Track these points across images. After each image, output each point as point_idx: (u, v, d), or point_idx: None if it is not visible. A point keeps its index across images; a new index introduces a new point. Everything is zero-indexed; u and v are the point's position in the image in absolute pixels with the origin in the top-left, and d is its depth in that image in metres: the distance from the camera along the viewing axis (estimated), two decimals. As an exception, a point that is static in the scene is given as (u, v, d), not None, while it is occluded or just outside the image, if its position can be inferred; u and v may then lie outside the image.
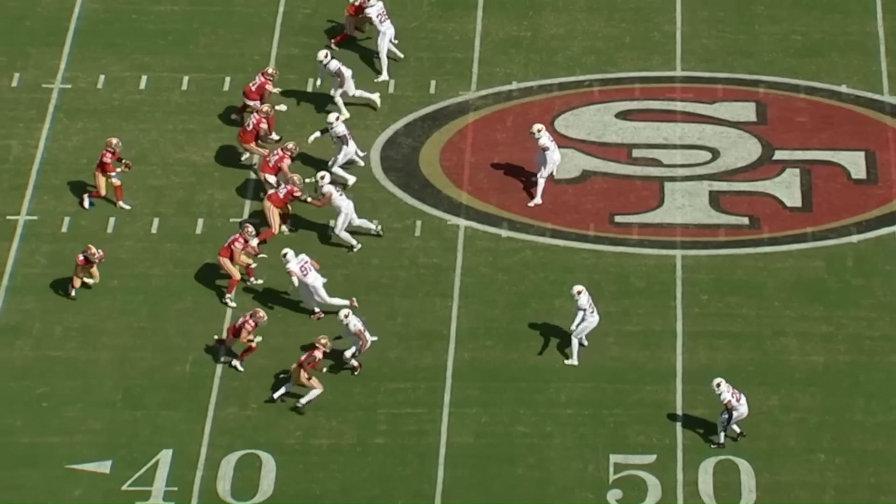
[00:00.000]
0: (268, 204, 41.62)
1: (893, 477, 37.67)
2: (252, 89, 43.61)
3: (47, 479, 37.51)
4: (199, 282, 41.06)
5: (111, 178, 42.11)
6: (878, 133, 44.05)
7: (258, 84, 43.58)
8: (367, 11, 44.88)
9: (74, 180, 42.83)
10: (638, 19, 46.43)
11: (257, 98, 43.49)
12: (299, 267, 39.98)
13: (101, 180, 42.15)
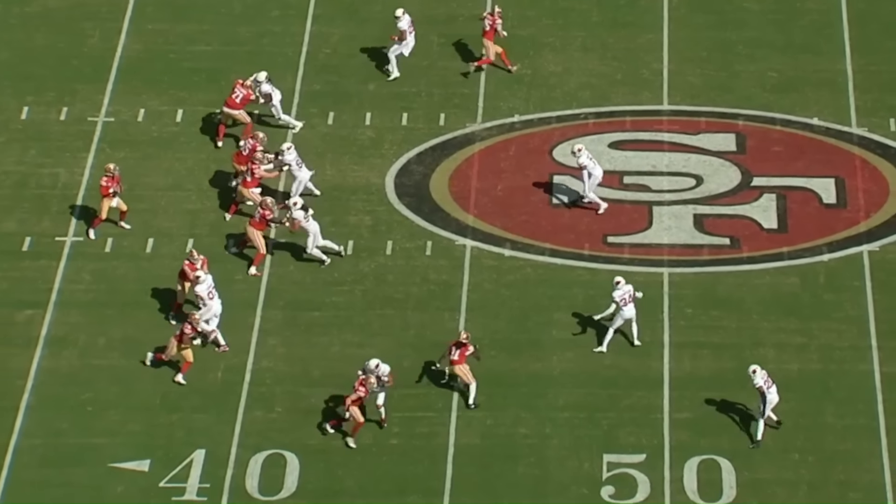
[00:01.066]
0: (251, 229, 41.21)
1: (861, 475, 37.51)
2: (236, 101, 43.35)
3: (92, 477, 37.36)
4: (229, 297, 40.86)
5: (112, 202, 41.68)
6: (846, 161, 43.91)
7: (242, 96, 43.32)
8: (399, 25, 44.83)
9: (117, 205, 42.88)
10: (628, 58, 46.32)
11: (240, 108, 43.27)
12: (207, 292, 39.49)
13: (104, 204, 41.74)
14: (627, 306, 39.48)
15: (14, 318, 40.33)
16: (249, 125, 43.63)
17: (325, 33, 46.91)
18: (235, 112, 43.60)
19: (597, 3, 47.56)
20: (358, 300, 40.86)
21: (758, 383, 37.64)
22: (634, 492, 37.26)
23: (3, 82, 45.55)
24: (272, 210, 41.00)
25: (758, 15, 47.22)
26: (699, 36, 46.73)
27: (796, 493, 37.21)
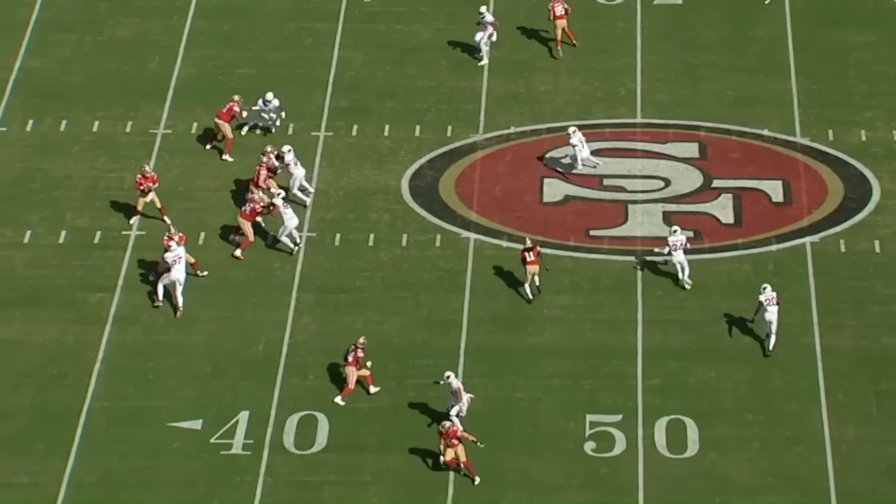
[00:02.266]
0: (241, 220, 40.92)
1: (804, 431, 37.41)
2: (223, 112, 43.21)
3: (153, 434, 37.32)
4: (269, 282, 40.75)
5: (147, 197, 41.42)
6: (791, 166, 43.75)
7: (228, 107, 43.16)
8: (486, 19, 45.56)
9: (173, 204, 42.39)
10: (607, 79, 46.18)
11: (228, 120, 43.07)
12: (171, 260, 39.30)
13: (140, 200, 41.58)
14: (677, 251, 39.55)
15: (87, 300, 40.26)
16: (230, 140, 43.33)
17: (349, 58, 46.78)
18: (221, 122, 43.28)
19: (581, 31, 47.37)
20: (378, 284, 40.74)
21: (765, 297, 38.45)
22: (613, 447, 37.15)
23: (77, 101, 45.43)
24: (259, 204, 40.82)
25: (717, 42, 47.07)
26: (667, 60, 46.57)
27: (749, 447, 37.13)
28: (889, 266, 40.98)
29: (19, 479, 36.37)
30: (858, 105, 45.07)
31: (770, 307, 38.98)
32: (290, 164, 42.39)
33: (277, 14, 48.08)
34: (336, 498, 36.10)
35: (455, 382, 37.15)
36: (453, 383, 37.11)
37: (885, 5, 47.97)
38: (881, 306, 39.98)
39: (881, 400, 37.98)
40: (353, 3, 48.34)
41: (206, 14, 48.01)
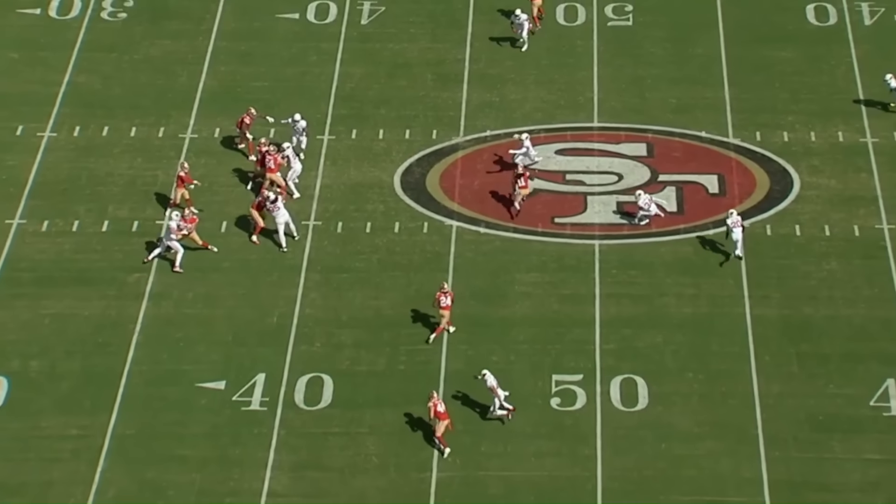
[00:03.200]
0: (251, 210, 40.89)
1: (737, 387, 37.42)
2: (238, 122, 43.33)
3: (183, 393, 37.29)
4: (281, 263, 40.78)
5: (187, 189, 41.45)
6: (725, 163, 43.68)
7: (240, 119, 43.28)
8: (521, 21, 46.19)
9: (199, 198, 42.18)
10: (569, 89, 46.09)
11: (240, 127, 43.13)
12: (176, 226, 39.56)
13: (178, 192, 41.54)
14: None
15: (126, 280, 40.21)
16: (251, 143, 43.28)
17: (349, 72, 46.69)
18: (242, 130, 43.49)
19: (546, 50, 47.36)
20: (374, 265, 40.71)
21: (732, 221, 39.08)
22: (575, 402, 37.13)
23: (117, 110, 45.32)
24: (266, 199, 40.71)
25: (662, 57, 46.98)
26: (619, 73, 46.51)
27: (690, 401, 37.12)
28: (807, 247, 40.99)
29: (70, 432, 36.45)
30: (781, 111, 45.01)
31: (735, 229, 39.14)
32: (289, 158, 42.32)
33: (287, 36, 48.07)
34: (339, 447, 36.11)
35: (490, 380, 36.32)
36: (489, 380, 36.34)
37: (803, 26, 47.85)
38: (801, 281, 40.02)
39: (801, 360, 38.02)
40: (352, 26, 48.33)
41: (226, 36, 47.97)
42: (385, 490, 35.33)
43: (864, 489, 35.07)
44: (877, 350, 38.14)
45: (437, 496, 35.18)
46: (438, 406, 35.85)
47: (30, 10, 48.64)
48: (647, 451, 35.97)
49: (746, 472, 35.53)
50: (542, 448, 36.07)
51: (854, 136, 44.25)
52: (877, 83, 45.77)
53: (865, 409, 36.78)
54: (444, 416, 35.88)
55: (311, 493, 35.32)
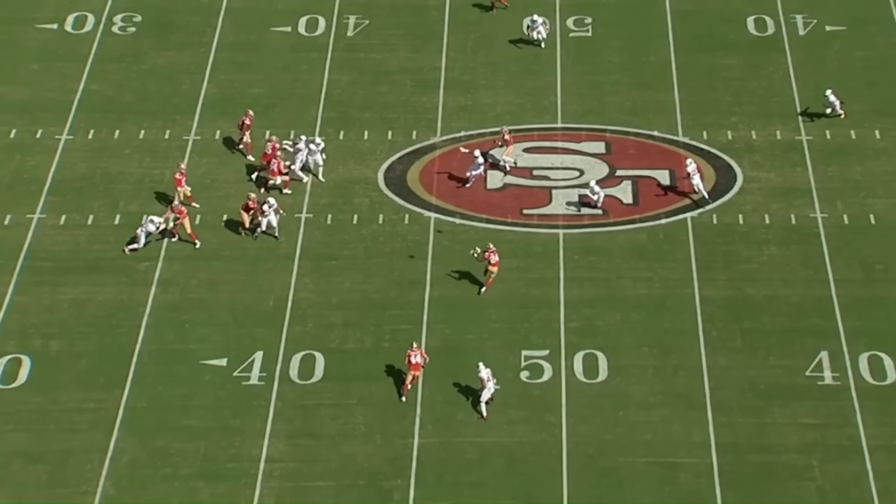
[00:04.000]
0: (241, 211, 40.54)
1: (687, 360, 37.40)
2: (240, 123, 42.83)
3: (189, 370, 37.09)
4: (276, 252, 40.55)
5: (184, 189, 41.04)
6: (675, 159, 43.47)
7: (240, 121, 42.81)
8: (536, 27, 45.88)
9: (201, 194, 42.03)
10: (535, 94, 45.83)
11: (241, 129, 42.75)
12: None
13: (179, 191, 41.09)
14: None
15: (137, 268, 39.92)
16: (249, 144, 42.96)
17: (337, 80, 46.36)
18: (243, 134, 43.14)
19: (514, 58, 47.12)
20: (361, 253, 40.45)
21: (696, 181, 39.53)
22: (542, 375, 37.04)
23: (127, 115, 44.90)
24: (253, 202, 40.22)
25: (618, 65, 46.74)
26: (580, 79, 46.27)
27: (645, 373, 37.04)
28: (749, 234, 40.88)
29: (87, 405, 36.23)
30: (725, 112, 44.86)
31: (695, 175, 39.17)
32: (302, 150, 41.88)
33: (281, 47, 47.73)
34: (330, 417, 35.95)
35: (484, 373, 35.97)
36: (481, 373, 36.00)
37: (744, 36, 47.70)
38: (744, 264, 39.94)
39: (745, 335, 37.97)
40: (339, 38, 48.02)
41: (226, 48, 47.59)
42: (372, 455, 35.16)
43: (801, 450, 35.08)
44: (812, 326, 38.09)
45: (418, 460, 35.03)
46: (412, 357, 35.76)
47: (48, 26, 48.23)
48: (606, 419, 35.88)
49: (696, 436, 35.49)
50: (513, 416, 35.94)
51: (790, 134, 44.15)
52: (810, 87, 45.69)
53: (802, 379, 36.75)
54: (415, 368, 35.80)
55: (305, 458, 35.14)
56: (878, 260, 39.98)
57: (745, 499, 34.13)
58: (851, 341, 37.62)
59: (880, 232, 40.80)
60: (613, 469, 34.76)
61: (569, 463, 34.92)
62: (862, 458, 34.83)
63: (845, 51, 47.04)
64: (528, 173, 43.23)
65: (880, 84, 45.78)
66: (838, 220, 41.25)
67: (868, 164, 43.05)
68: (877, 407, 36.03)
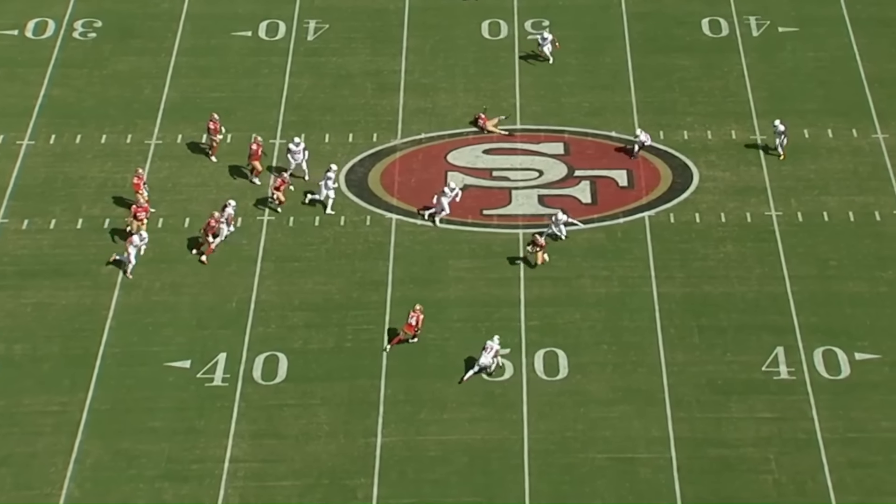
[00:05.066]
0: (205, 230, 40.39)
1: (646, 357, 37.58)
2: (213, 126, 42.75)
3: (153, 372, 37.04)
4: (239, 254, 40.48)
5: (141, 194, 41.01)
6: (633, 159, 43.77)
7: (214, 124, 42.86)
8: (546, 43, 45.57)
9: (164, 197, 42.04)
10: (494, 96, 45.95)
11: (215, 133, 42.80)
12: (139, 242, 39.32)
13: (138, 195, 41.12)
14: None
15: (100, 271, 39.83)
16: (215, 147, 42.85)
17: (298, 83, 46.40)
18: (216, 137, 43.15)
19: (472, 60, 47.21)
20: (323, 255, 40.49)
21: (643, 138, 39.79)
22: (503, 373, 37.18)
23: (90, 120, 44.80)
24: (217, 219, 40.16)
25: (576, 67, 46.98)
26: (539, 81, 46.47)
27: (605, 370, 37.13)
28: (706, 232, 41.17)
29: (51, 408, 36.13)
30: (681, 112, 45.17)
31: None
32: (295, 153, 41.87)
33: (241, 51, 47.72)
34: (293, 417, 36.00)
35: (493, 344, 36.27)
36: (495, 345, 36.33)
37: (699, 37, 48.02)
38: (700, 262, 40.23)
39: (702, 332, 38.24)
40: (300, 41, 48.10)
41: (186, 52, 47.56)
42: (335, 454, 35.24)
43: (758, 444, 35.39)
44: (767, 322, 38.46)
45: (381, 458, 35.12)
46: (410, 318, 36.22)
47: (8, 32, 48.06)
48: (567, 415, 36.09)
49: (655, 431, 35.75)
50: (475, 414, 36.10)
51: (745, 134, 44.55)
52: (764, 87, 46.15)
53: (758, 374, 37.09)
54: (409, 328, 36.57)
55: (268, 458, 35.19)
56: (832, 256, 40.42)
57: (703, 492, 34.40)
58: (806, 337, 38.01)
59: (833, 229, 41.27)
60: (574, 465, 34.96)
61: (530, 460, 35.09)
62: (817, 451, 35.18)
63: (798, 51, 47.54)
64: (488, 174, 43.38)
65: (832, 84, 46.30)
66: (793, 217, 41.69)
67: (821, 163, 43.53)
68: (831, 401, 36.41)
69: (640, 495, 34.40)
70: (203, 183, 42.93)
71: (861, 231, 41.15)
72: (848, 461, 34.96)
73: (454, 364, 37.22)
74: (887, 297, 39.12)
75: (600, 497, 34.36)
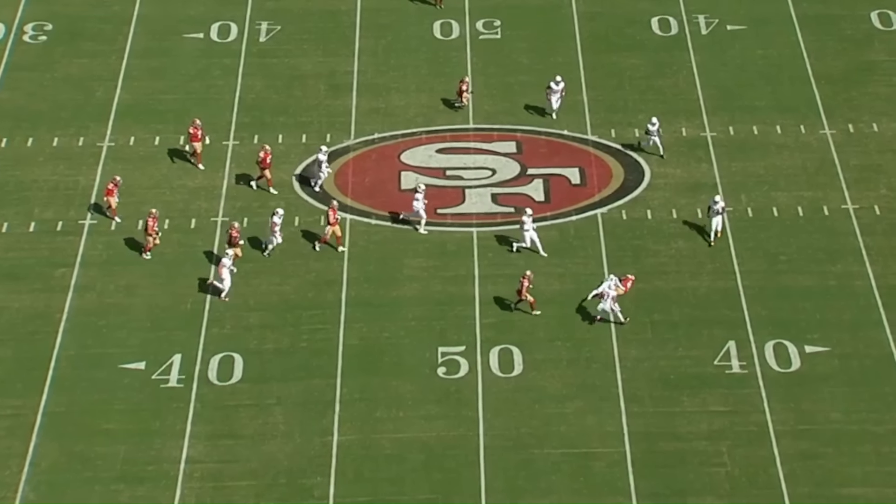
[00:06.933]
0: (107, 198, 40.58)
1: (599, 353, 37.74)
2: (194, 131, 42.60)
3: (108, 374, 36.90)
4: (194, 256, 40.50)
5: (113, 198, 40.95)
6: (585, 157, 43.99)
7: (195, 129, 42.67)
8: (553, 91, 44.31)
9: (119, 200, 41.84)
10: (447, 95, 46.10)
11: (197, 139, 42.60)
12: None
13: (110, 201, 41.05)
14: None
15: (53, 274, 39.68)
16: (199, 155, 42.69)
17: (250, 85, 46.37)
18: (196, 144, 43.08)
19: (425, 60, 47.37)
20: (277, 255, 40.37)
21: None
22: (459, 370, 37.22)
23: (40, 123, 44.59)
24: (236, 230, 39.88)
25: (527, 66, 47.10)
26: (491, 80, 46.57)
27: (559, 366, 37.36)
28: (657, 228, 41.40)
29: (4, 412, 35.91)
30: (632, 110, 45.38)
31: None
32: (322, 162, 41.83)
33: (193, 53, 47.64)
34: (249, 417, 35.97)
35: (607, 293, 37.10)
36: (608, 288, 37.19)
37: (649, 36, 48.28)
38: (653, 258, 40.45)
39: (655, 327, 38.46)
40: (252, 43, 48.05)
41: (138, 55, 47.41)
42: (292, 454, 35.24)
43: (711, 437, 35.67)
44: (719, 316, 38.80)
45: (338, 457, 35.15)
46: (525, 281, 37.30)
47: (-42, 35, 47.76)
48: (522, 412, 36.21)
49: (609, 426, 35.96)
50: (431, 412, 36.18)
51: (695, 131, 44.91)
52: (714, 85, 46.55)
53: (710, 368, 37.40)
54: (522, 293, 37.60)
55: (225, 458, 35.15)
56: (782, 251, 40.86)
57: (657, 486, 34.68)
58: (757, 330, 38.35)
59: (783, 224, 41.71)
60: (530, 461, 35.11)
61: (486, 456, 35.21)
62: (769, 444, 35.50)
63: (746, 49, 48.00)
64: (442, 173, 43.49)
65: (780, 81, 46.79)
66: (742, 213, 42.09)
67: (770, 159, 43.98)
68: (783, 394, 36.77)
69: (595, 490, 34.62)
70: (156, 185, 42.82)
71: (810, 226, 41.61)
72: (799, 453, 35.34)
73: (409, 363, 37.32)
74: (836, 291, 39.57)
75: (556, 492, 34.55)
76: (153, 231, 39.86)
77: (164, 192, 42.56)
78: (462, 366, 37.42)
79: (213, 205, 42.17)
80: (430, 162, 43.88)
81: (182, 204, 42.15)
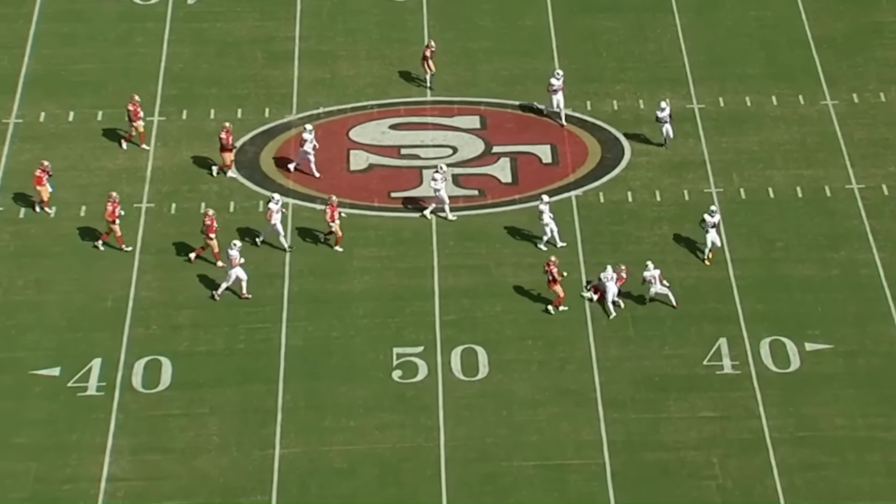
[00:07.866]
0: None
1: (575, 353, 37.97)
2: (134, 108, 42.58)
3: (17, 381, 36.89)
4: (112, 247, 40.49)
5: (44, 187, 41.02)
6: (557, 133, 44.33)
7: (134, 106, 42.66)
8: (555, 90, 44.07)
9: (27, 183, 41.71)
10: (400, 64, 46.37)
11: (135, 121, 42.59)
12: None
13: (40, 189, 41.01)
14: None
15: (-47, 269, 39.78)
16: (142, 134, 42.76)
17: (177, 53, 46.49)
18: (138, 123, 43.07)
19: (376, 24, 47.63)
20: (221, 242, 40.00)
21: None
22: (416, 373, 37.39)
23: (-63, 96, 44.83)
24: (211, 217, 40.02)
25: (491, 30, 47.46)
26: (451, 46, 46.82)
27: (530, 367, 37.55)
28: (639, 212, 41.75)
29: None
30: (610, 80, 45.74)
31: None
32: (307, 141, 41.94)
33: (111, 17, 47.60)
34: (180, 428, 36.03)
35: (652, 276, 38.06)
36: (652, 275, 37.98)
37: (627, -6, 48.88)
38: (634, 245, 40.73)
39: (637, 323, 38.71)
40: (178, 5, 48.05)
41: (48, 19, 47.34)
42: (227, 469, 35.34)
43: (700, 446, 35.93)
44: (708, 310, 39.14)
45: (280, 472, 35.28)
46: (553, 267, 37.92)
47: None
48: (488, 419, 36.38)
49: (586, 434, 36.15)
50: (385, 420, 36.33)
51: (681, 102, 45.26)
52: (701, 51, 46.88)
53: (699, 369, 37.68)
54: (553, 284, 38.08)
55: (151, 475, 35.19)
56: (778, 237, 41.27)
57: (640, 501, 34.93)
58: (751, 326, 38.69)
59: (780, 206, 42.13)
60: (497, 474, 35.31)
61: (448, 469, 35.39)
62: (766, 453, 35.80)
63: (738, 10, 48.40)
64: (396, 152, 43.68)
65: (776, 45, 47.19)
66: (735, 194, 42.48)
67: (765, 134, 44.40)
68: (780, 396, 37.12)
69: (570, 506, 34.93)
70: (72, 167, 42.77)
71: (810, 208, 42.05)
72: (799, 463, 35.71)
73: (360, 365, 37.48)
74: (839, 281, 39.99)
75: (527, 509, 34.84)
76: (113, 216, 39.42)
77: (81, 174, 42.52)
78: (420, 368, 37.57)
79: (137, 189, 42.18)
80: (383, 139, 44.04)
81: (101, 188, 42.05)
